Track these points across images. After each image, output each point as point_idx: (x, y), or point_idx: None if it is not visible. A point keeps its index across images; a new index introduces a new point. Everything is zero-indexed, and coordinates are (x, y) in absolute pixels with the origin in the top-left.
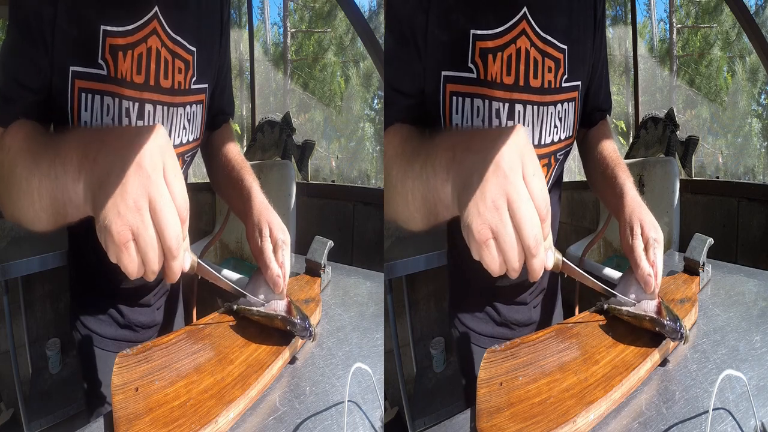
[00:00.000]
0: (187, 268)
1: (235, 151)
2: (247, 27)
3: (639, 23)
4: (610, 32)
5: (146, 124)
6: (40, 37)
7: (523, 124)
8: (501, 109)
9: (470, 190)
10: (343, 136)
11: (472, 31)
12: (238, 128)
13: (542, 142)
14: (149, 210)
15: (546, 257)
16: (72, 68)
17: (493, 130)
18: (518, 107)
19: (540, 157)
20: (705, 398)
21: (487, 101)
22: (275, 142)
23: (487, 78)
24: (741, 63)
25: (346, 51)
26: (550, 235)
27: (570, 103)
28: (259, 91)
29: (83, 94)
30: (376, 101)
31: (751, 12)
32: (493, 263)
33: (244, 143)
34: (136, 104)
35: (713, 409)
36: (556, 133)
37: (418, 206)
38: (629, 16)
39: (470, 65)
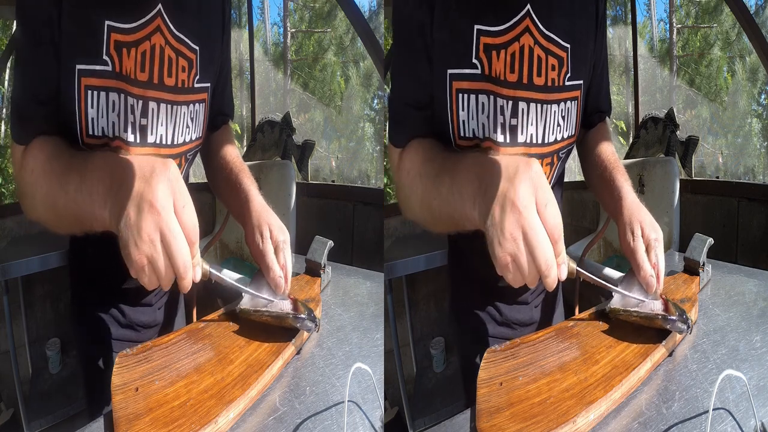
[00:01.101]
0: (198, 279)
1: (233, 153)
2: (247, 27)
3: (639, 23)
4: (610, 32)
5: (150, 121)
6: (50, 40)
7: (527, 123)
8: (505, 106)
9: (493, 223)
10: (343, 136)
11: (476, 27)
12: (238, 128)
13: (546, 141)
14: (161, 242)
15: (560, 272)
16: (78, 66)
17: (513, 162)
18: (522, 105)
19: (543, 155)
20: (705, 398)
21: (492, 97)
22: (275, 142)
23: (491, 74)
24: (741, 63)
25: (346, 51)
26: (563, 252)
27: (573, 102)
28: (259, 91)
29: (89, 92)
30: (376, 101)
31: (751, 12)
32: (513, 281)
33: (244, 143)
34: (140, 102)
35: (713, 409)
36: (559, 132)
37: (444, 221)
38: (629, 16)
39: (474, 61)
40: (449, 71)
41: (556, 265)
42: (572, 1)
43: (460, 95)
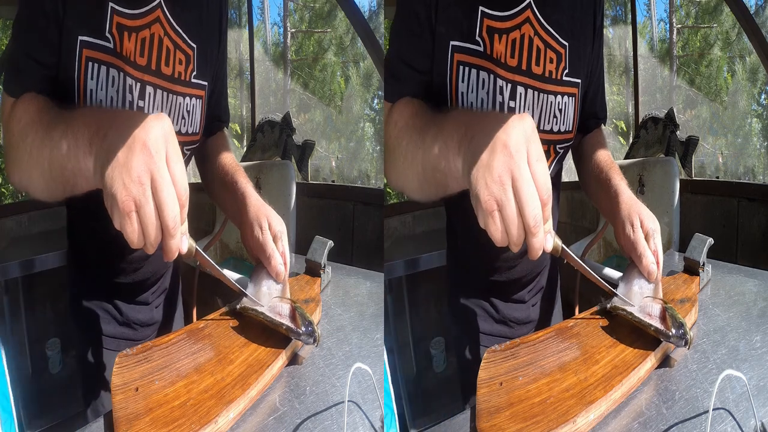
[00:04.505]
0: (185, 250)
1: (229, 157)
2: (247, 27)
3: (639, 23)
4: (610, 32)
5: (147, 104)
6: (52, 10)
7: (524, 107)
8: (504, 87)
9: (480, 165)
10: (343, 136)
11: (480, 8)
12: (238, 128)
13: (542, 128)
14: (151, 187)
15: (545, 239)
16: (80, 38)
17: (505, 114)
18: (520, 89)
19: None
20: (705, 398)
21: (492, 75)
22: (275, 142)
23: (492, 55)
24: (741, 63)
25: (346, 51)
26: (550, 220)
27: (570, 98)
28: (259, 91)
29: (90, 63)
30: (376, 101)
31: (751, 12)
32: (496, 233)
33: (244, 143)
34: (138, 84)
35: (713, 409)
36: (555, 124)
37: (428, 177)
38: (629, 16)
39: (477, 38)
40: (452, 43)
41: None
42: (573, 3)
43: (461, 67)
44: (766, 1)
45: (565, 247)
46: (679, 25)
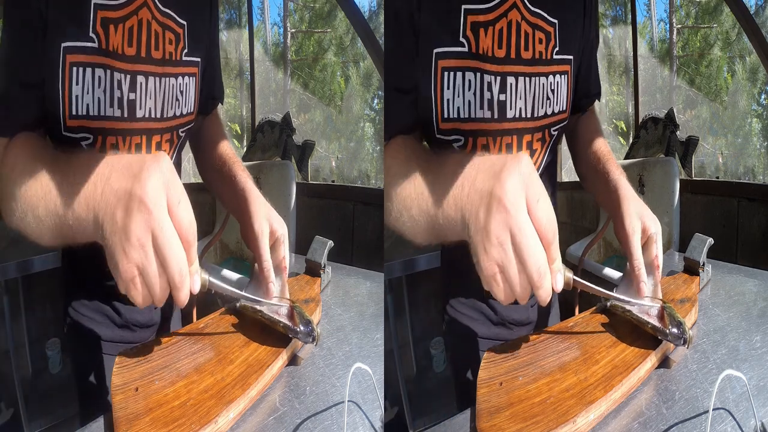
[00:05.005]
0: (196, 290)
1: (225, 145)
2: (247, 27)
3: (639, 23)
4: (610, 32)
5: (138, 95)
6: (36, 23)
7: (516, 97)
8: (493, 82)
9: (477, 227)
10: (343, 136)
11: (463, 7)
12: (238, 128)
13: (535, 115)
14: (153, 245)
15: (554, 281)
16: (63, 44)
17: (499, 159)
18: (510, 79)
19: (534, 130)
20: (705, 398)
21: (478, 74)
22: (275, 142)
23: (478, 51)
24: (741, 63)
25: (346, 51)
26: (558, 258)
27: (562, 76)
28: (259, 91)
29: (74, 69)
30: (376, 101)
31: (751, 12)
32: (500, 294)
33: (244, 143)
34: (128, 76)
35: (713, 409)
36: (549, 106)
37: (427, 228)
38: (629, 16)
39: (462, 39)
40: (435, 50)
41: (550, 273)
42: None
43: (446, 73)
44: (766, 1)
45: (576, 278)
46: (679, 25)
